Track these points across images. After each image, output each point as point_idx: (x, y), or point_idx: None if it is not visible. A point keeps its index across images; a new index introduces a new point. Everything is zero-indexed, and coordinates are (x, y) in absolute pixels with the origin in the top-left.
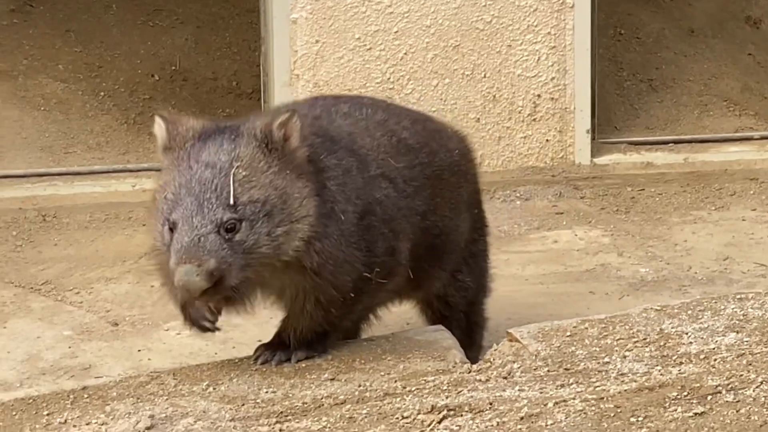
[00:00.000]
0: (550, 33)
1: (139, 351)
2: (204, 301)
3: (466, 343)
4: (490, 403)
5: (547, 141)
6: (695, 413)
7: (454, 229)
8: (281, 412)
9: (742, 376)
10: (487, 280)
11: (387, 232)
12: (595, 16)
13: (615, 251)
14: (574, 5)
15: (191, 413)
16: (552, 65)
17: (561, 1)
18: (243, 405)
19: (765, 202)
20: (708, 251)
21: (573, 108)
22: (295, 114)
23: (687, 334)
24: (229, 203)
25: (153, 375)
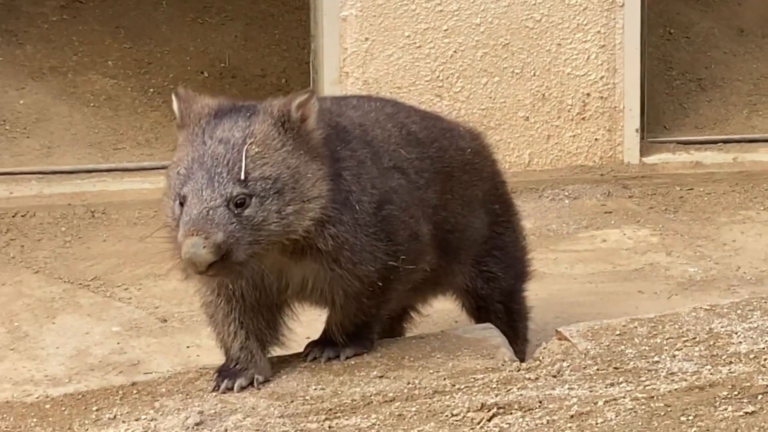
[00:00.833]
0: (599, 32)
1: (188, 347)
2: (209, 276)
3: (510, 334)
4: (540, 402)
5: (596, 140)
6: (745, 412)
7: (467, 226)
8: (330, 409)
9: None
10: (521, 267)
11: (407, 219)
12: (645, 15)
13: (663, 250)
14: (624, 4)
15: (240, 410)
16: (601, 64)
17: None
18: (292, 402)
19: None
20: (757, 251)
21: (622, 107)
22: (314, 95)
23: (736, 333)
24: (240, 178)
25: (202, 371)
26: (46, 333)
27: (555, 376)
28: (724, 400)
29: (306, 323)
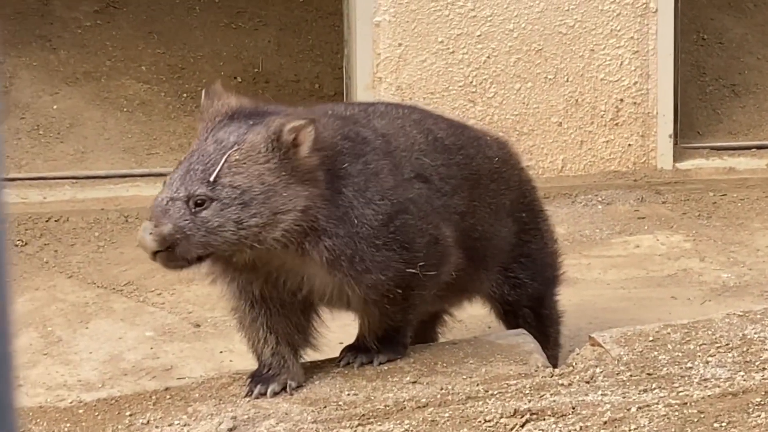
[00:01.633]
0: (633, 37)
1: (221, 352)
2: (159, 263)
3: (540, 339)
4: (573, 408)
5: (629, 145)
6: None
7: (494, 234)
8: (363, 415)
9: None
10: (550, 272)
11: (425, 226)
12: (678, 21)
13: (697, 256)
14: (657, 10)
15: (273, 415)
16: (635, 70)
17: (644, 5)
18: (325, 407)
19: None
20: None
21: (656, 113)
22: (312, 124)
23: None
24: (209, 180)
25: (235, 376)
26: (80, 338)
27: (588, 382)
28: (757, 407)
29: (339, 328)
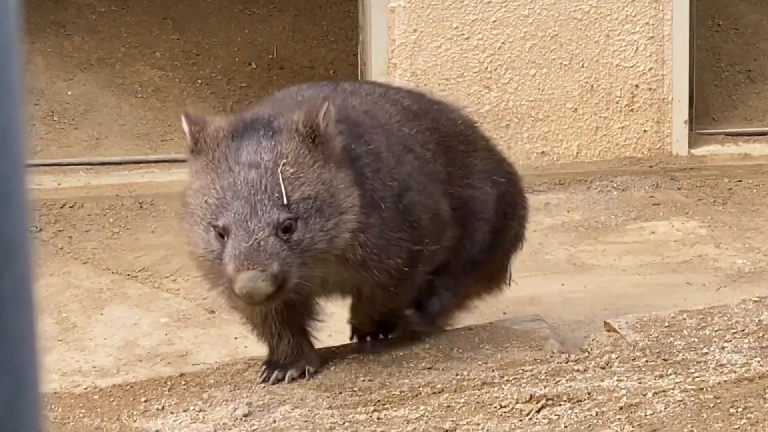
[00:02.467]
0: (648, 23)
1: (236, 338)
2: (266, 306)
3: (425, 295)
4: (589, 393)
5: (644, 131)
6: None
7: (474, 199)
8: (378, 401)
9: None
10: (504, 252)
11: (426, 201)
12: (693, 7)
13: (712, 242)
14: None
15: (288, 401)
16: (650, 56)
17: None
18: (340, 393)
19: None
20: None
21: (671, 99)
22: (329, 102)
23: None
24: (283, 203)
25: (250, 362)
26: (94, 324)
27: (604, 368)
28: None
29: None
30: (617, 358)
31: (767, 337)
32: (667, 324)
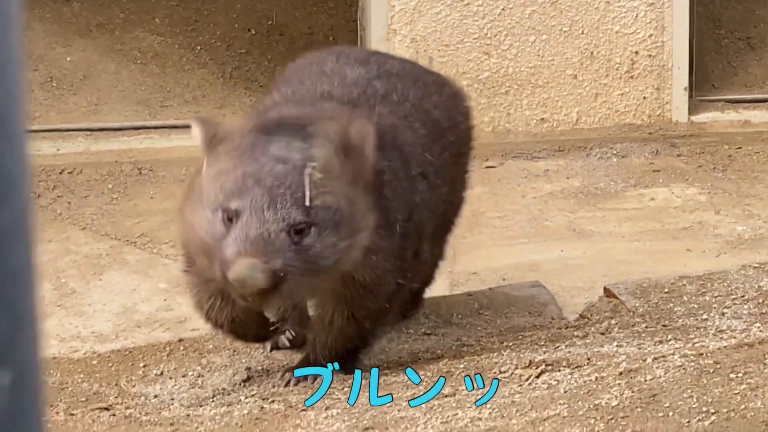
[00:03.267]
0: None
1: None
2: (253, 303)
3: None
4: (588, 359)
5: (644, 98)
6: None
7: (462, 200)
8: (378, 366)
9: None
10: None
11: (415, 236)
12: None
13: (712, 209)
14: None
15: (287, 366)
16: (650, 22)
17: None
18: None
19: None
20: None
21: (671, 65)
22: (370, 123)
23: None
24: (305, 204)
25: None
26: (93, 290)
27: (603, 334)
28: None
29: None
30: (617, 323)
31: (767, 303)
32: (666, 290)
